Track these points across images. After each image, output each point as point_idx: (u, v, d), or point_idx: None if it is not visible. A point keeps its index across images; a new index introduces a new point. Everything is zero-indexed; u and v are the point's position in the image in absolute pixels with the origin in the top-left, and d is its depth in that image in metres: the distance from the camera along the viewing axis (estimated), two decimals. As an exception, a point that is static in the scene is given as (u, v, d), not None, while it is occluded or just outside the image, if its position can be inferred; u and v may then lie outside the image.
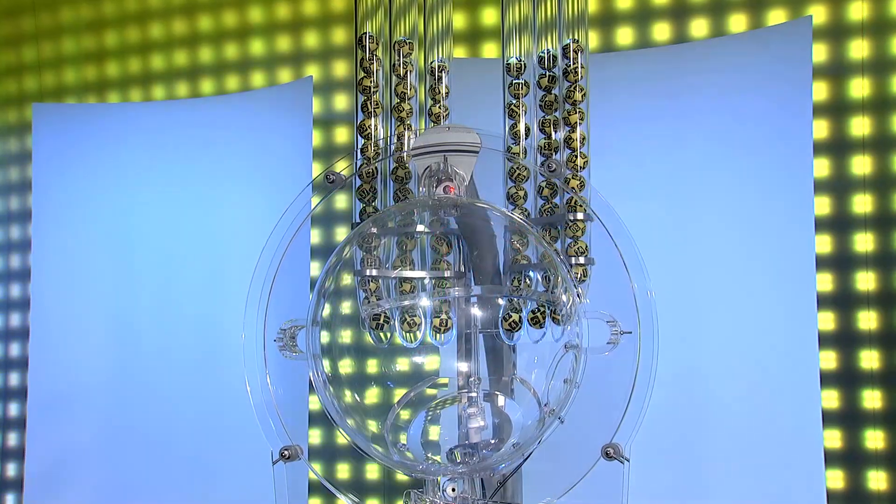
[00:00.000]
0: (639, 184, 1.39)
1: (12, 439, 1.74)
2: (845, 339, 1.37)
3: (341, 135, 1.56)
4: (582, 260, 1.02)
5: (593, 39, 1.46)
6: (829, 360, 1.36)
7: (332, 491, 1.08)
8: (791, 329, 1.33)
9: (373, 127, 1.07)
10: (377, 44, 1.07)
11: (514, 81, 1.05)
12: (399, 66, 1.07)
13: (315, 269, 1.45)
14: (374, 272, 1.04)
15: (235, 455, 1.54)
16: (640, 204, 1.35)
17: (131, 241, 1.66)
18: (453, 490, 0.98)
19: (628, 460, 0.95)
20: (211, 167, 1.64)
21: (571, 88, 1.03)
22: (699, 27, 1.43)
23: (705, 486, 1.35)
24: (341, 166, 1.08)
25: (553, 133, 1.04)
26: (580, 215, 1.02)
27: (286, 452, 1.02)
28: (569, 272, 0.99)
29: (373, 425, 1.01)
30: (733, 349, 1.35)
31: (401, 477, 1.32)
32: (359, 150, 1.08)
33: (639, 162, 1.41)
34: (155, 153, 1.66)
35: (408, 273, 1.04)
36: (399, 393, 0.98)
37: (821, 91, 1.37)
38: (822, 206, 1.37)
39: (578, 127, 1.03)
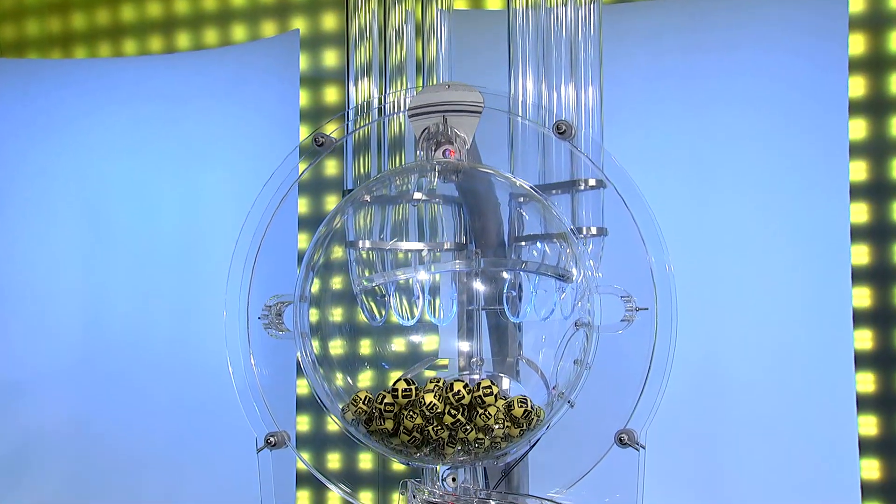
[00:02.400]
0: (656, 149, 1.39)
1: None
2: (883, 317, 1.37)
3: (331, 94, 1.56)
4: (594, 230, 1.02)
5: (608, -11, 1.46)
6: (864, 339, 1.37)
7: (322, 481, 1.09)
8: (822, 305, 1.34)
9: (366, 85, 1.08)
10: (370, -7, 1.08)
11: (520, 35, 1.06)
12: (394, 17, 1.07)
13: (303, 240, 1.45)
14: (368, 244, 1.04)
15: (216, 443, 1.56)
16: (658, 171, 1.36)
17: (100, 212, 1.67)
18: (454, 480, 0.99)
19: (644, 447, 0.96)
20: (188, 130, 1.64)
21: (583, 43, 1.03)
22: (724, -25, 1.43)
23: (727, 475, 1.36)
24: (331, 128, 1.08)
25: (564, 92, 1.04)
26: (592, 181, 1.02)
27: (272, 439, 1.03)
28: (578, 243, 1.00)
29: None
30: (758, 328, 1.36)
31: (397, 466, 1.33)
32: (350, 111, 1.09)
33: (657, 125, 1.41)
34: (126, 114, 1.66)
35: (405, 245, 1.05)
36: (394, 375, 0.98)
37: (857, 44, 1.37)
38: (858, 171, 1.37)
39: (591, 86, 1.04)
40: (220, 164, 1.61)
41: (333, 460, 1.45)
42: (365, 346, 1.07)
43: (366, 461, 1.41)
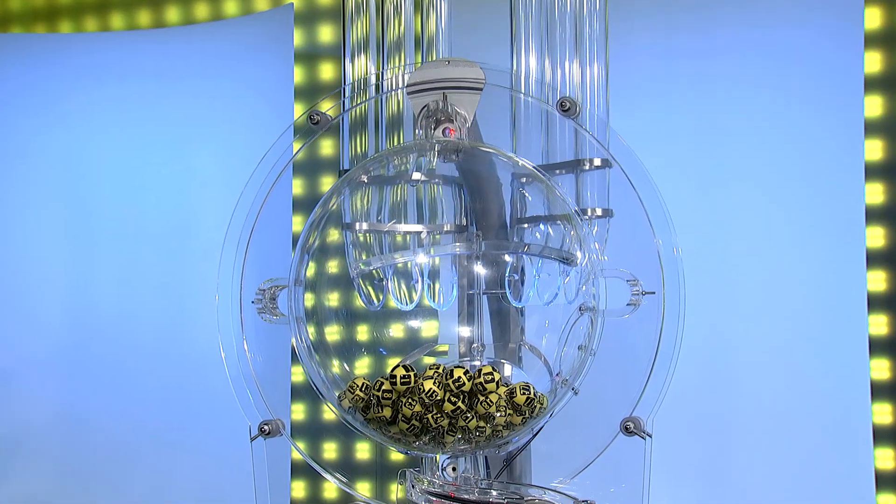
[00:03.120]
0: (664, 128, 1.39)
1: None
2: (900, 302, 1.38)
3: (327, 70, 1.56)
4: (599, 211, 1.03)
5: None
6: (879, 324, 1.37)
7: (318, 471, 1.10)
8: (836, 289, 1.35)
9: (363, 61, 1.08)
10: (367, -35, 1.08)
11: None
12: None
13: (297, 222, 1.45)
14: (365, 226, 1.05)
15: (209, 432, 1.57)
16: (666, 150, 1.36)
17: (87, 193, 1.67)
18: (454, 470, 1.00)
19: (650, 436, 0.97)
20: (178, 108, 1.64)
21: (589, 17, 1.04)
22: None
23: (736, 465, 1.37)
24: (327, 106, 1.09)
25: (568, 69, 1.04)
26: (598, 161, 1.03)
27: (266, 427, 1.04)
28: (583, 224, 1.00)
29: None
30: (769, 313, 1.37)
31: (395, 456, 1.34)
32: (347, 88, 1.09)
33: (664, 103, 1.41)
34: (113, 92, 1.66)
35: (403, 227, 1.05)
36: (392, 362, 0.99)
37: (873, 18, 1.37)
38: (874, 150, 1.37)
39: (596, 62, 1.04)
40: (211, 143, 1.60)
41: (330, 450, 1.45)
42: (362, 332, 1.07)
43: (363, 451, 1.41)
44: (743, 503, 1.37)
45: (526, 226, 1.04)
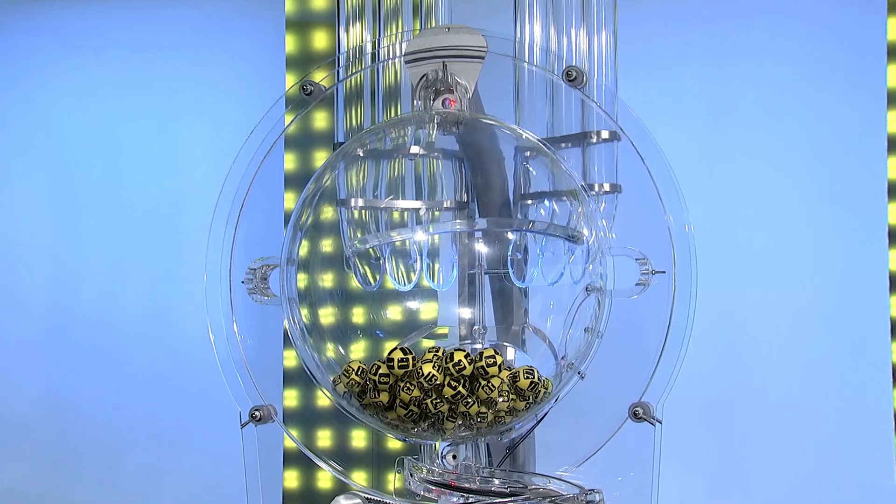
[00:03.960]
0: (675, 99, 1.39)
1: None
2: (922, 282, 1.38)
3: (320, 39, 1.55)
4: (607, 186, 1.02)
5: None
6: (901, 306, 1.37)
7: (312, 459, 1.10)
8: (856, 269, 1.35)
9: (358, 29, 1.08)
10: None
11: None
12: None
13: (290, 199, 1.45)
14: (361, 202, 1.05)
15: (197, 418, 1.57)
16: (677, 122, 1.36)
17: (71, 168, 1.67)
18: (454, 458, 1.00)
19: (660, 422, 0.97)
20: (164, 79, 1.64)
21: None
22: None
23: (749, 451, 1.38)
24: (320, 76, 1.08)
25: (574, 36, 1.04)
26: (605, 133, 1.02)
27: (257, 413, 1.04)
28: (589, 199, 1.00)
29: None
30: (786, 293, 1.37)
31: (392, 444, 1.34)
32: (341, 57, 1.08)
33: (676, 73, 1.41)
34: (97, 63, 1.66)
35: (401, 203, 1.05)
36: (389, 345, 0.99)
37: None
38: (896, 122, 1.37)
39: (604, 29, 1.04)
40: (199, 115, 1.60)
41: (324, 438, 1.45)
42: (358, 314, 1.07)
43: (359, 438, 1.41)
44: (756, 491, 1.38)
45: (530, 202, 1.04)
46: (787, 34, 1.37)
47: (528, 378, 0.93)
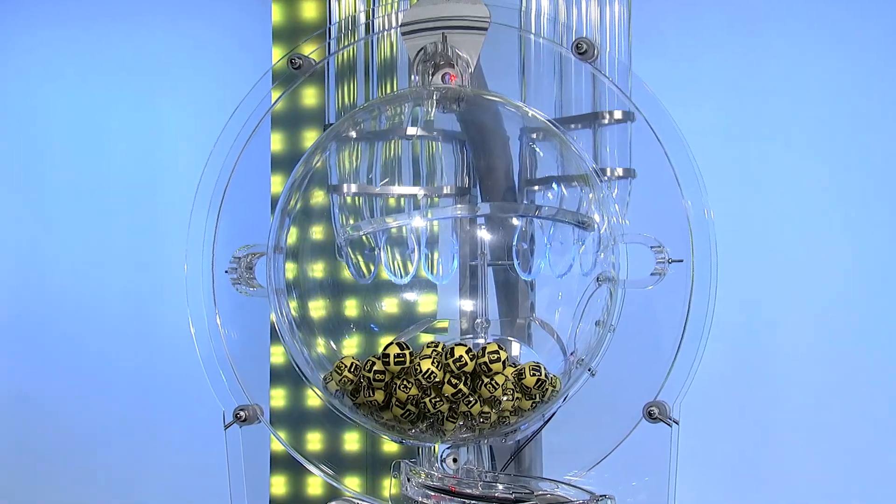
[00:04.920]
0: (694, 74, 1.39)
1: None
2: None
3: (309, 8, 1.55)
4: (620, 171, 1.03)
5: None
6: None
7: (301, 463, 1.10)
8: (888, 260, 1.35)
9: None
10: None
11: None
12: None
13: (277, 182, 1.46)
14: (354, 187, 1.05)
15: (177, 418, 1.58)
16: (697, 100, 1.36)
17: (41, 146, 1.67)
18: (455, 461, 1.00)
19: (677, 423, 0.97)
20: (141, 52, 1.64)
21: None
22: None
23: (773, 454, 1.38)
24: (309, 49, 1.08)
25: (585, 6, 1.04)
26: (619, 113, 1.03)
27: (242, 414, 1.05)
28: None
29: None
30: (812, 284, 1.37)
31: (388, 447, 1.35)
32: (332, 28, 1.09)
33: (695, 46, 1.41)
34: (69, 34, 1.66)
35: (397, 189, 1.05)
36: (385, 341, 0.99)
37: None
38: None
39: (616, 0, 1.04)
40: (178, 92, 1.60)
41: (314, 440, 1.46)
42: (351, 307, 1.08)
43: (352, 441, 1.42)
44: (780, 498, 1.38)
45: (537, 187, 1.05)
46: (817, 3, 1.37)
47: (534, 375, 0.94)
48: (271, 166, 1.46)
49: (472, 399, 0.92)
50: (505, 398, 0.93)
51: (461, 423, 0.94)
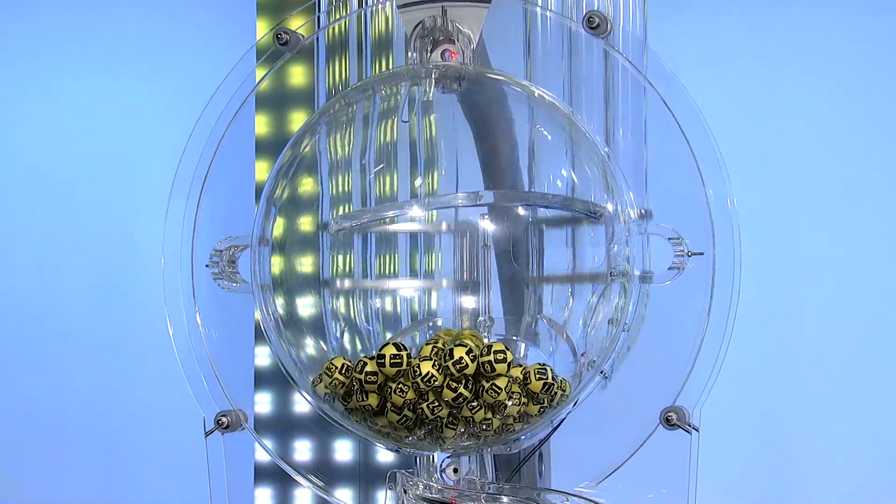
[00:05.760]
0: (717, 49, 1.39)
1: None
2: None
3: (297, -21, 1.56)
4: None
5: None
6: None
7: (288, 474, 1.11)
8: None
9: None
10: None
11: None
12: None
13: (262, 169, 1.46)
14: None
15: (154, 425, 1.58)
16: (719, 77, 1.36)
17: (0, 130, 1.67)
18: (455, 472, 1.01)
19: (697, 430, 0.97)
20: (112, 27, 1.64)
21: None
22: None
23: (801, 465, 1.38)
24: (298, 22, 1.08)
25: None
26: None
27: (224, 420, 1.05)
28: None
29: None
30: (846, 280, 1.37)
31: (383, 456, 1.35)
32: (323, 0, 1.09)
33: (717, 18, 1.41)
34: (25, 6, 1.66)
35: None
36: (379, 341, 1.00)
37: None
38: None
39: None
40: (154, 69, 1.60)
41: (302, 449, 1.46)
42: (342, 304, 1.08)
43: (343, 451, 1.42)
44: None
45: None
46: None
47: (540, 378, 0.94)
48: (256, 151, 1.46)
49: (475, 404, 0.92)
50: (510, 403, 0.93)
51: (462, 429, 0.94)
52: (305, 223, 1.06)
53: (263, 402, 1.48)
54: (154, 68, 1.61)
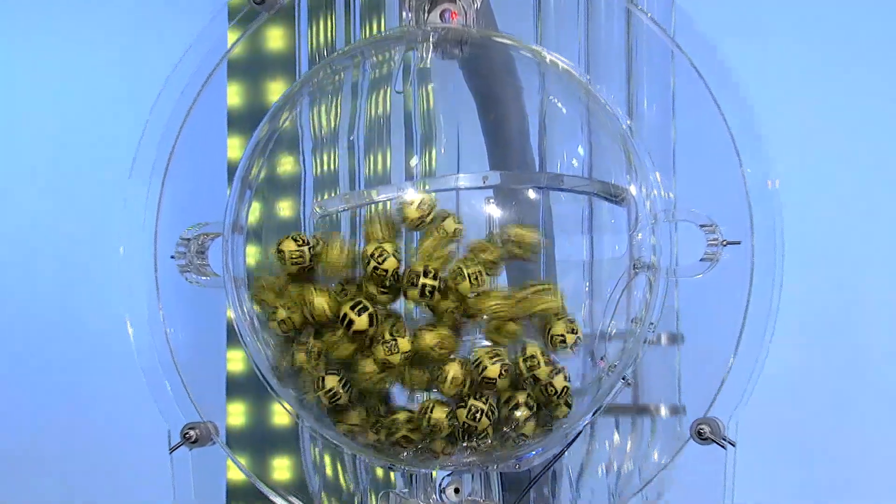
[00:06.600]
0: (757, 9, 1.39)
1: None
2: None
3: (274, -72, 1.56)
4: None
5: None
6: None
7: (265, 494, 1.11)
8: None
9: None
10: None
11: None
12: None
13: (235, 145, 1.46)
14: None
15: (111, 438, 1.58)
16: (760, 42, 1.36)
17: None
18: (457, 492, 1.01)
19: (734, 444, 0.98)
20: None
21: None
22: None
23: (853, 483, 1.38)
24: (275, -21, 1.09)
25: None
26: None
27: (192, 433, 1.05)
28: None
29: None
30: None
31: (375, 473, 1.35)
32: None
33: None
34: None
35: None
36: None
37: None
38: None
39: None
40: (111, 32, 1.61)
41: (281, 467, 1.47)
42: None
43: (330, 466, 1.43)
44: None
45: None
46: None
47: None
48: (228, 125, 1.46)
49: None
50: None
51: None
52: (285, 208, 1.06)
53: (237, 413, 1.48)
54: (112, 32, 1.62)
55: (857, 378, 1.39)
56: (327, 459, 1.11)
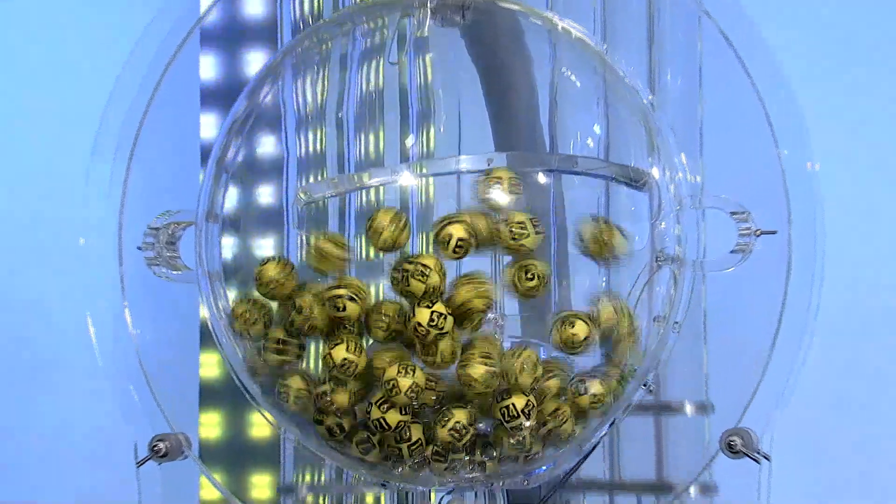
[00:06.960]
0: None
1: None
2: None
3: None
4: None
5: None
6: None
7: (242, 513, 1.11)
8: None
9: None
10: None
11: None
12: None
13: (208, 123, 1.46)
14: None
15: (72, 451, 1.58)
16: (799, 12, 1.36)
17: None
18: (459, 511, 1.01)
19: (768, 458, 0.98)
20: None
21: None
22: None
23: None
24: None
25: None
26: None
27: (161, 446, 1.05)
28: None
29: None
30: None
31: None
32: None
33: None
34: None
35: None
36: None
37: None
38: None
39: None
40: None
41: (261, 484, 1.47)
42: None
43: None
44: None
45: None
46: None
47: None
48: (201, 101, 1.46)
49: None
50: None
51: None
52: (266, 194, 1.06)
53: (211, 424, 1.48)
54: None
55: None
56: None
